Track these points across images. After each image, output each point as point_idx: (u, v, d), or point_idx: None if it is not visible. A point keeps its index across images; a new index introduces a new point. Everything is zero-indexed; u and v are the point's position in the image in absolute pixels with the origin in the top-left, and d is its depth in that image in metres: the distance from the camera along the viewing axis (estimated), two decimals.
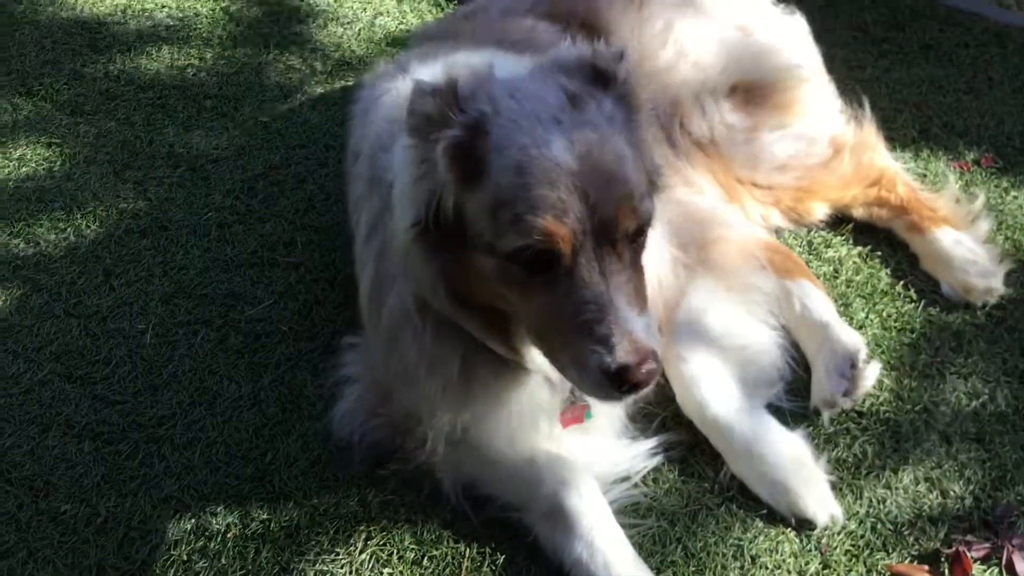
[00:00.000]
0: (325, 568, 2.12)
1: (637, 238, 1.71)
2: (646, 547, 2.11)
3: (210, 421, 2.43)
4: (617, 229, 1.66)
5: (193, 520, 2.22)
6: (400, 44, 3.64)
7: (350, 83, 2.47)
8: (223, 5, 3.93)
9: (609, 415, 2.22)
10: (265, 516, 2.22)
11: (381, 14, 3.85)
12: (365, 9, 3.89)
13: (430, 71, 2.10)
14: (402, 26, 3.79)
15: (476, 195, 1.68)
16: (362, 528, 2.19)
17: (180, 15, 3.89)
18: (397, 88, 2.17)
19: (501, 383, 2.03)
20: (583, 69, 1.79)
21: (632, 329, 1.63)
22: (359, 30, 3.78)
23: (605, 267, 1.65)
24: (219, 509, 2.24)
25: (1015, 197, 2.85)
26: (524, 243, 1.63)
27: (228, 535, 2.19)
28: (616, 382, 1.64)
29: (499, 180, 1.65)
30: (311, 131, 3.30)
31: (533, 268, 1.66)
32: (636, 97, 1.85)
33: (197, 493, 2.28)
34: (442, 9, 3.86)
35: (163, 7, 3.93)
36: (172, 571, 2.13)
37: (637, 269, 1.73)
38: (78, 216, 3.01)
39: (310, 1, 3.95)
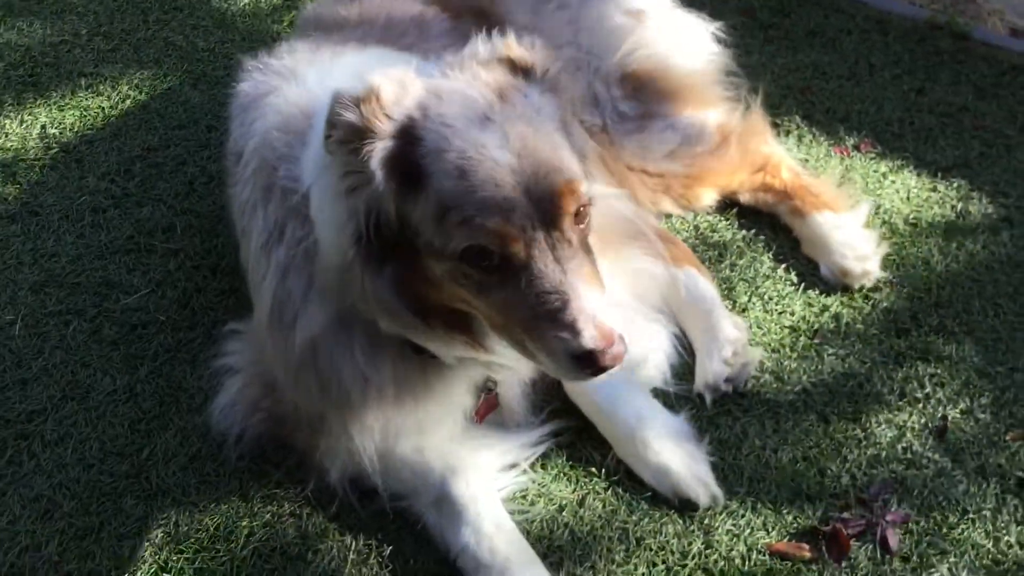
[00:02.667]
0: (204, 566, 2.06)
1: (582, 221, 1.74)
2: (534, 532, 2.12)
3: (83, 416, 2.34)
4: (563, 216, 1.68)
5: (65, 520, 2.14)
6: (287, 22, 3.54)
7: (234, 61, 2.38)
8: None
9: (510, 406, 2.22)
10: (142, 514, 2.15)
11: None
12: None
13: (319, 74, 2.07)
14: (288, 2, 3.68)
15: (419, 202, 1.66)
16: (244, 524, 2.14)
17: None
18: (284, 92, 2.10)
19: (430, 385, 2.02)
20: (502, 63, 1.79)
21: (595, 313, 1.66)
22: (244, 5, 3.66)
23: (559, 254, 1.66)
24: (92, 508, 2.16)
25: (893, 182, 2.93)
26: (475, 243, 1.63)
27: (102, 534, 2.12)
28: (586, 366, 1.66)
29: (441, 185, 1.64)
30: (192, 111, 3.18)
31: (487, 267, 1.66)
32: (559, 83, 1.86)
33: (69, 492, 2.20)
34: None
35: None
36: (42, 572, 2.06)
37: (587, 251, 1.76)
38: None
39: None
